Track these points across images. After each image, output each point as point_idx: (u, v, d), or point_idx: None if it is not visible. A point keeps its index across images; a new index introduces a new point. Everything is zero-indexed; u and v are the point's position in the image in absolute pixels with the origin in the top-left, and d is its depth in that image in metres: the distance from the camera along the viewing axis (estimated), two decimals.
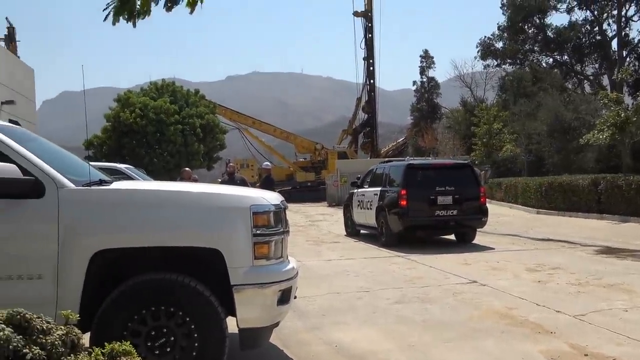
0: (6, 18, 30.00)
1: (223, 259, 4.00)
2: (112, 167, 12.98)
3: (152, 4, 5.34)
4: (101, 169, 9.70)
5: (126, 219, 3.98)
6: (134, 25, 5.84)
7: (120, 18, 5.74)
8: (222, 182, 13.76)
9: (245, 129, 47.89)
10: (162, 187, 4.47)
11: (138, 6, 5.59)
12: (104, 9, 5.59)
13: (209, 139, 39.55)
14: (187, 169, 13.71)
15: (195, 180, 14.32)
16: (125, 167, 12.95)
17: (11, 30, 29.35)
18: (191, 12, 6.13)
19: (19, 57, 27.48)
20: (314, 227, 18.89)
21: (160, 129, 36.36)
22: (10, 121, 5.01)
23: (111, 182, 4.41)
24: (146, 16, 5.81)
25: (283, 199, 4.86)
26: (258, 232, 4.12)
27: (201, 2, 4.75)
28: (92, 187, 4.10)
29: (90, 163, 5.86)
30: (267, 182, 14.22)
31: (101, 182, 4.29)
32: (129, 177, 11.94)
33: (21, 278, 3.82)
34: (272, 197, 4.45)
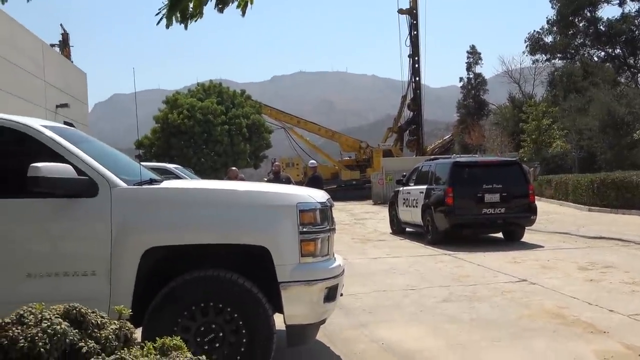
0: (60, 24, 31.06)
1: (270, 257, 4.04)
2: (161, 167, 13.29)
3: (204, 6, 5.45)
4: (151, 168, 9.96)
5: (175, 217, 4.05)
6: (186, 27, 5.95)
7: (173, 20, 5.87)
8: (268, 181, 13.89)
9: (291, 128, 48.10)
10: (210, 186, 4.54)
11: (191, 8, 5.70)
12: (157, 14, 5.74)
13: (255, 138, 39.97)
14: (233, 168, 13.88)
15: (242, 179, 14.48)
16: (174, 167, 13.24)
17: (65, 36, 30.35)
18: (243, 15, 6.18)
19: (72, 61, 28.35)
20: (360, 225, 18.86)
21: (208, 130, 36.92)
22: (65, 123, 5.17)
23: (161, 182, 4.51)
24: (199, 18, 5.92)
25: (329, 196, 4.87)
26: (305, 229, 4.14)
27: (251, 2, 4.81)
28: (143, 186, 4.19)
29: (142, 163, 6.01)
30: (314, 180, 14.22)
31: (152, 182, 4.39)
32: (177, 177, 12.19)
33: (76, 274, 3.94)
34: (318, 195, 4.46)
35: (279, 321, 4.19)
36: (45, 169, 3.73)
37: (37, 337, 2.61)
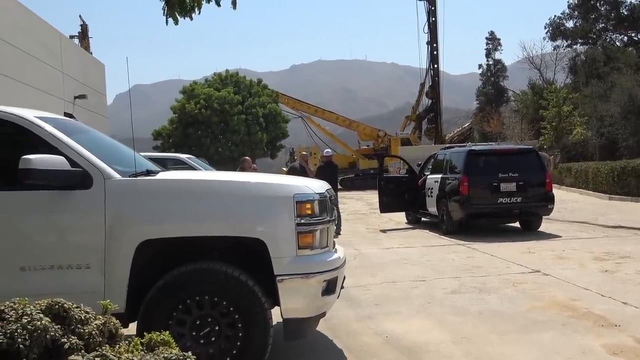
0: (79, 16, 31.19)
1: (267, 249, 3.96)
2: (174, 158, 13.29)
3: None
4: (160, 159, 9.94)
5: (170, 209, 3.98)
6: (191, 18, 6.04)
7: (178, 16, 5.93)
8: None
9: (308, 117, 47.91)
10: (206, 177, 4.47)
11: (188, 0, 5.78)
12: (163, 14, 5.83)
13: (272, 127, 40.04)
14: (247, 158, 13.80)
15: (255, 170, 14.39)
16: (187, 157, 13.21)
17: (84, 28, 30.46)
18: (234, 7, 6.19)
19: (91, 53, 28.48)
20: (375, 215, 18.70)
21: (225, 119, 37.04)
22: (65, 114, 5.13)
23: (157, 173, 4.43)
24: (199, 11, 6.01)
25: (329, 187, 4.77)
26: (302, 221, 4.04)
27: None
28: (138, 178, 4.13)
29: (142, 154, 5.96)
30: (324, 169, 13.94)
31: (148, 173, 4.32)
32: (190, 167, 12.17)
33: (70, 267, 3.89)
34: (316, 186, 4.36)
35: (277, 315, 4.12)
36: (36, 161, 3.67)
37: (16, 333, 2.55)
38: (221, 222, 4.02)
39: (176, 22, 5.81)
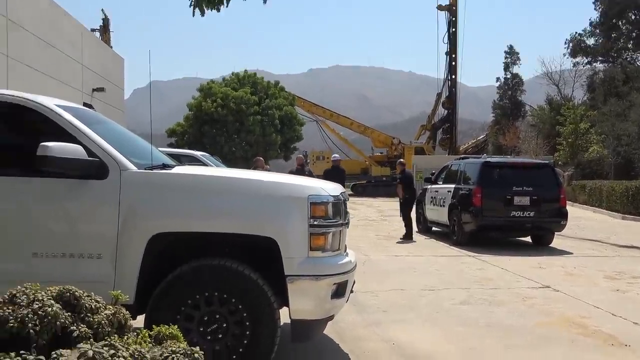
0: (101, 10, 31.47)
1: (278, 249, 3.94)
2: (189, 154, 13.32)
3: None
4: (174, 155, 9.95)
5: (184, 204, 3.98)
6: (218, 10, 6.08)
7: (205, 8, 5.99)
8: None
9: (323, 121, 47.97)
10: (222, 174, 4.45)
11: None
12: (190, 5, 5.88)
13: (287, 130, 40.06)
14: (260, 158, 13.81)
15: (268, 170, 14.36)
16: (201, 155, 13.25)
17: (106, 22, 30.71)
18: (264, 2, 6.24)
19: (111, 46, 28.68)
20: (386, 222, 18.65)
21: (240, 119, 37.12)
22: (85, 104, 5.16)
23: (173, 167, 4.44)
24: (228, 4, 6.06)
25: (344, 190, 4.75)
26: (315, 222, 4.02)
27: None
28: (153, 171, 4.13)
29: (159, 149, 5.98)
30: (330, 173, 13.64)
31: (164, 166, 4.32)
32: (204, 164, 12.19)
33: (82, 257, 3.90)
34: (331, 188, 4.34)
35: (285, 315, 4.10)
36: (54, 149, 3.68)
37: (27, 318, 2.55)
38: (234, 220, 4.00)
39: (202, 13, 5.84)
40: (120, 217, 3.90)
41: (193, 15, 5.87)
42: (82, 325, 2.71)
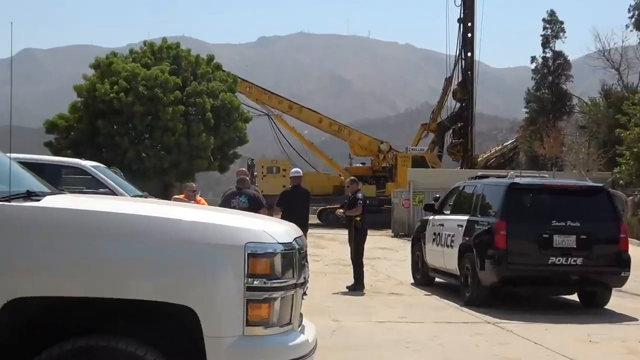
0: None
1: (199, 323, 3.91)
2: (73, 164, 13.15)
3: None
4: (51, 165, 9.77)
5: (58, 255, 3.94)
6: None
7: None
8: (222, 200, 12.97)
9: (279, 115, 48.10)
10: (116, 209, 4.40)
11: None
12: None
13: (224, 127, 39.95)
14: (192, 184, 13.85)
15: (193, 196, 14.16)
16: (92, 166, 13.03)
17: None
18: None
19: None
20: (368, 268, 18.67)
21: (154, 110, 36.90)
22: None
23: (43, 196, 4.36)
24: None
25: (301, 233, 4.75)
26: (255, 283, 4.03)
27: None
28: (11, 203, 4.05)
29: (20, 156, 5.86)
30: (289, 197, 13.61)
31: (29, 195, 4.25)
32: (95, 179, 12.04)
33: None
34: (281, 232, 4.35)
35: None
36: None
37: None
38: (134, 279, 3.98)
39: None
40: None
41: None
42: None
